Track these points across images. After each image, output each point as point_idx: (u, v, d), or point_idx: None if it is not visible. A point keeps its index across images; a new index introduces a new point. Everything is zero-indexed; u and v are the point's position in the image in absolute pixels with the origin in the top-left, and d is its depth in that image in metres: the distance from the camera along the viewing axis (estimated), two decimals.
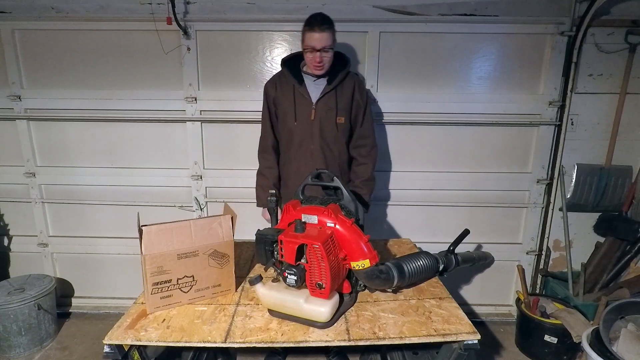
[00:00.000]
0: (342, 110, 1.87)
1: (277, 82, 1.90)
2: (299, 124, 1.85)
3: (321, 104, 1.84)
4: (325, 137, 1.87)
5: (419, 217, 2.57)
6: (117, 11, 2.27)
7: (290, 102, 1.85)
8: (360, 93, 1.91)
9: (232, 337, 1.17)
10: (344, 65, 1.87)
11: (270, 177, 1.96)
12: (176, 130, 2.47)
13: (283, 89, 1.88)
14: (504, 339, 2.46)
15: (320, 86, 1.85)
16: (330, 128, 1.87)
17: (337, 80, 1.83)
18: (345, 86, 1.87)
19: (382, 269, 1.30)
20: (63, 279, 2.71)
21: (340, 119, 1.87)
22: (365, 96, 1.94)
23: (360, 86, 1.92)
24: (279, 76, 1.92)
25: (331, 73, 1.85)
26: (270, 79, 1.94)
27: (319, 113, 1.84)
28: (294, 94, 1.85)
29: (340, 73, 1.84)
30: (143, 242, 1.25)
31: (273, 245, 1.30)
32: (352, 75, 1.92)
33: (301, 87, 1.84)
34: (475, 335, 1.18)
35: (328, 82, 1.84)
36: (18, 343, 2.23)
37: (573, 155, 2.46)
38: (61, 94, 2.42)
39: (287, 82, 1.87)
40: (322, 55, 1.72)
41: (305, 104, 1.84)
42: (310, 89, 1.85)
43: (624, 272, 2.33)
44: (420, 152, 2.49)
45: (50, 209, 2.63)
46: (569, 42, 2.30)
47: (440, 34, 2.31)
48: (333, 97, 1.85)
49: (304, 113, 1.84)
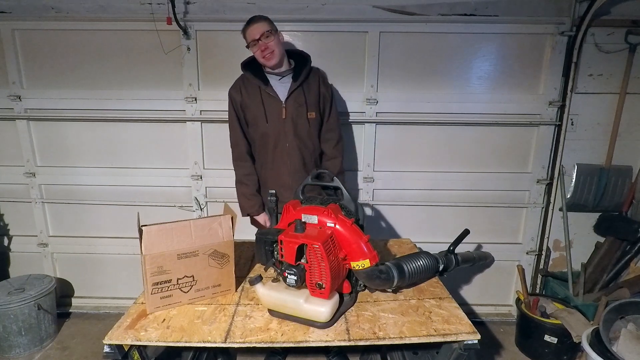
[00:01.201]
0: (312, 105, 1.88)
1: (241, 86, 1.88)
2: (271, 124, 1.85)
3: (291, 102, 1.84)
4: (299, 133, 1.87)
5: (419, 217, 2.57)
6: (117, 11, 2.27)
7: (259, 104, 1.84)
8: (325, 87, 1.93)
9: (232, 337, 1.17)
10: (306, 62, 1.89)
11: (250, 184, 1.95)
12: (176, 131, 2.47)
13: (249, 93, 1.86)
14: (504, 339, 2.46)
15: (287, 84, 1.86)
16: (303, 124, 1.87)
17: (302, 76, 1.84)
18: (311, 81, 1.89)
19: (382, 269, 1.30)
20: (63, 279, 2.71)
21: (311, 114, 1.88)
22: (330, 90, 1.96)
23: (324, 80, 1.96)
24: (242, 80, 1.90)
25: (295, 70, 1.87)
26: (233, 85, 1.91)
27: (290, 111, 1.84)
28: (261, 95, 1.84)
29: (304, 69, 1.86)
30: (143, 242, 1.25)
31: (273, 245, 1.31)
32: (315, 70, 1.94)
33: (267, 88, 1.83)
34: (475, 335, 1.18)
35: (293, 79, 1.85)
36: (18, 343, 2.24)
37: (573, 155, 2.46)
38: (61, 94, 2.42)
39: (251, 85, 1.86)
40: (265, 43, 1.74)
41: (275, 103, 1.84)
42: (277, 89, 1.85)
43: (624, 272, 2.33)
44: (420, 152, 2.49)
45: (50, 209, 2.63)
46: (569, 42, 2.30)
47: (440, 34, 2.31)
48: (301, 94, 1.85)
49: (274, 113, 1.84)
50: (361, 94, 2.38)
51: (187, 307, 1.35)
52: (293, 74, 1.86)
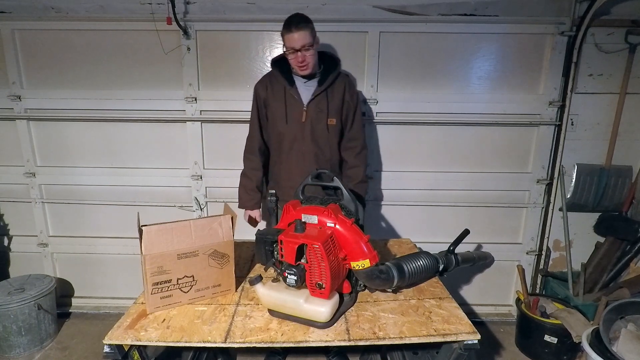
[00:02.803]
0: (333, 112, 1.86)
1: (268, 83, 1.88)
2: (290, 125, 1.84)
3: (312, 106, 1.83)
4: (317, 139, 1.86)
5: (419, 217, 2.57)
6: (117, 11, 2.27)
7: (281, 104, 1.84)
8: (350, 94, 1.90)
9: (232, 337, 1.17)
10: (335, 66, 1.87)
11: (254, 179, 1.94)
12: (176, 130, 2.47)
13: (274, 90, 1.86)
14: (504, 339, 2.46)
15: (311, 88, 1.84)
16: (322, 130, 1.86)
17: (327, 81, 1.83)
18: (336, 87, 1.86)
19: (382, 269, 1.30)
20: (63, 279, 2.71)
21: (332, 121, 1.86)
22: (356, 97, 1.93)
23: (350, 87, 1.92)
24: (269, 77, 1.90)
25: (322, 74, 1.84)
26: (261, 80, 1.92)
27: (310, 115, 1.83)
28: (284, 95, 1.84)
29: (331, 74, 1.84)
30: (143, 242, 1.25)
31: (273, 245, 1.31)
32: (342, 76, 1.91)
33: (292, 89, 1.83)
34: (475, 335, 1.18)
35: (319, 84, 1.83)
36: (18, 343, 2.23)
37: (573, 155, 2.46)
38: (61, 94, 2.41)
39: (277, 83, 1.86)
40: (303, 55, 1.72)
41: (296, 105, 1.83)
42: (301, 91, 1.84)
43: (624, 272, 2.33)
44: (420, 152, 2.49)
45: (50, 209, 2.63)
46: (569, 42, 2.30)
47: (440, 34, 2.31)
48: (324, 99, 1.84)
49: (294, 115, 1.83)
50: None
51: (187, 307, 1.35)
52: (319, 78, 1.84)
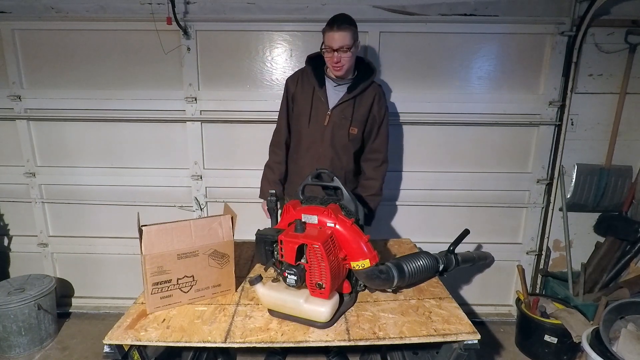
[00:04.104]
0: (357, 122, 1.82)
1: (299, 79, 1.85)
2: (312, 127, 1.82)
3: (337, 112, 1.80)
4: (335, 144, 1.83)
5: (419, 217, 2.57)
6: (117, 11, 2.27)
7: (308, 103, 1.82)
8: (379, 107, 1.84)
9: (232, 337, 1.17)
10: (369, 74, 1.81)
11: (277, 172, 1.93)
12: (176, 130, 2.47)
13: (304, 88, 1.84)
14: (504, 339, 2.46)
15: (340, 93, 1.81)
16: (342, 137, 1.82)
17: (358, 89, 1.78)
18: (365, 97, 1.81)
19: (382, 269, 1.30)
20: (63, 279, 2.71)
21: (354, 130, 1.82)
22: (384, 110, 1.87)
23: (380, 99, 1.85)
24: (302, 73, 1.88)
25: (354, 81, 1.80)
26: (293, 75, 1.90)
27: (333, 120, 1.80)
28: (312, 95, 1.82)
29: (362, 82, 1.79)
30: (143, 242, 1.25)
31: (273, 245, 1.31)
32: (374, 86, 1.85)
33: (321, 90, 1.79)
34: (475, 335, 1.18)
35: (348, 90, 1.79)
36: (18, 343, 2.23)
37: (573, 155, 2.46)
38: (61, 94, 2.41)
39: (308, 82, 1.83)
40: (340, 56, 1.68)
41: (322, 108, 1.80)
42: (330, 94, 1.81)
43: (624, 272, 2.33)
44: (420, 152, 2.49)
45: (50, 209, 2.63)
46: (569, 42, 2.30)
47: (440, 34, 2.31)
48: (350, 107, 1.80)
49: (318, 117, 1.81)
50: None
51: (187, 307, 1.35)
52: (350, 85, 1.80)
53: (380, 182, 1.94)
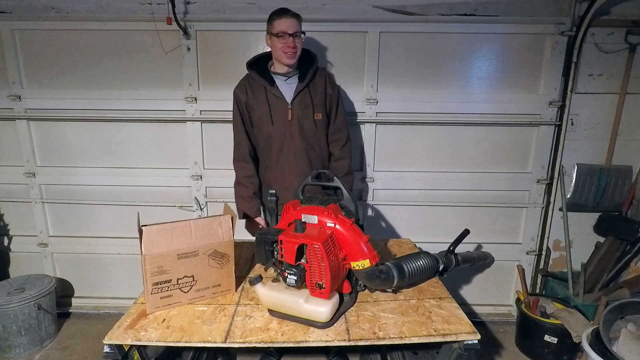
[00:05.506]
0: (319, 107, 1.85)
1: (247, 86, 1.85)
2: (277, 126, 1.82)
3: (297, 103, 1.82)
4: (306, 135, 1.85)
5: (419, 217, 2.57)
6: (117, 11, 2.27)
7: (264, 105, 1.82)
8: (332, 87, 1.91)
9: (232, 337, 1.17)
10: (312, 62, 1.87)
11: (251, 186, 1.91)
12: (176, 130, 2.47)
13: (255, 93, 1.84)
14: (504, 339, 2.46)
15: (292, 85, 1.83)
16: (309, 126, 1.85)
17: (308, 76, 1.82)
18: (317, 82, 1.86)
19: (382, 269, 1.30)
20: (63, 279, 2.71)
21: (318, 115, 1.86)
22: (337, 90, 1.94)
23: (331, 80, 1.93)
24: (247, 80, 1.88)
25: (302, 70, 1.84)
26: (239, 84, 1.88)
27: (296, 112, 1.82)
28: (266, 96, 1.82)
29: (310, 70, 1.83)
30: (143, 242, 1.25)
31: (273, 245, 1.30)
32: (321, 70, 1.92)
33: (273, 88, 1.81)
34: (475, 335, 1.18)
35: (300, 80, 1.82)
36: (18, 343, 2.24)
37: (573, 155, 2.46)
38: (61, 94, 2.41)
39: (257, 85, 1.84)
40: (294, 41, 1.71)
41: (281, 104, 1.81)
42: (283, 89, 1.82)
43: (624, 272, 2.33)
44: (420, 152, 2.49)
45: (50, 209, 2.63)
46: (569, 42, 2.30)
47: (440, 34, 2.31)
48: (307, 95, 1.83)
49: (280, 114, 1.82)
50: (361, 94, 2.38)
51: (187, 307, 1.35)
52: (299, 75, 1.84)
53: (349, 161, 1.97)
